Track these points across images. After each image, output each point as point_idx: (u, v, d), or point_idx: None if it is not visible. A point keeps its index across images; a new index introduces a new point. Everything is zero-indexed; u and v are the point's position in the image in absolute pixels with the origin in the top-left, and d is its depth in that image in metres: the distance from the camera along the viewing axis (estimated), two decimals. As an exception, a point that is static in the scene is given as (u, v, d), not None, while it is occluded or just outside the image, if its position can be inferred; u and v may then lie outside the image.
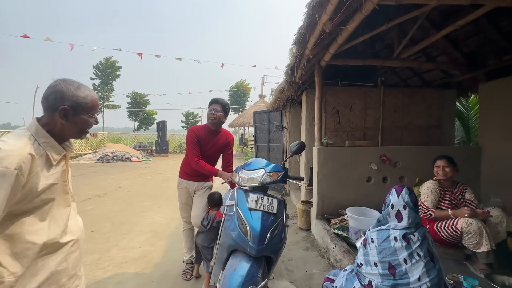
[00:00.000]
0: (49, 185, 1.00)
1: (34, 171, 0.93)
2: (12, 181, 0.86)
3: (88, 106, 1.08)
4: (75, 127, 1.07)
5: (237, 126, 17.73)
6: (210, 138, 2.45)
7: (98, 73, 22.73)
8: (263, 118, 6.33)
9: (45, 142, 1.00)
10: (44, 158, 0.99)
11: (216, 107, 2.40)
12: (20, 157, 0.88)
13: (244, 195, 1.83)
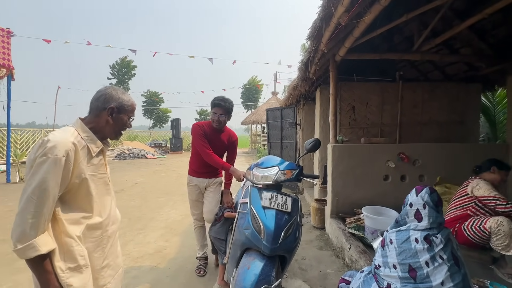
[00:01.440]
0: (91, 174, 1.14)
1: (79, 159, 1.07)
2: (62, 166, 1.00)
3: (129, 109, 1.26)
4: (116, 125, 1.23)
5: (250, 124, 17.73)
6: (215, 135, 2.45)
7: (115, 72, 23.41)
8: (276, 115, 6.27)
9: (87, 136, 1.14)
10: (85, 149, 1.12)
11: (220, 111, 2.35)
12: (66, 146, 1.02)
13: (258, 193, 1.81)
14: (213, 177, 2.56)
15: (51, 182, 0.99)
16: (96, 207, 1.16)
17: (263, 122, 15.79)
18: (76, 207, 1.11)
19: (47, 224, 1.01)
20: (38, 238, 0.96)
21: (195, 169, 2.54)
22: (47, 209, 0.99)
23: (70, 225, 1.08)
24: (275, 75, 17.96)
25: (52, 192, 1.00)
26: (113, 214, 1.30)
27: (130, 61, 23.62)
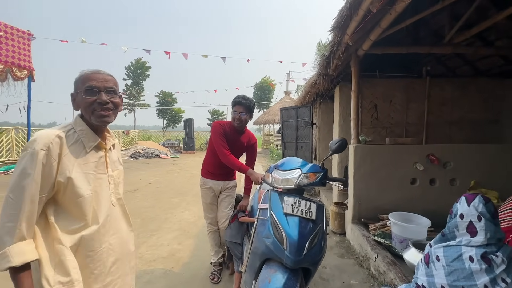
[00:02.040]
0: (84, 173, 0.97)
1: (65, 153, 0.93)
2: (41, 160, 0.87)
3: (78, 83, 1.00)
4: (83, 109, 1.01)
5: (262, 124, 17.58)
6: (235, 136, 2.34)
7: (130, 73, 23.91)
8: (291, 115, 6.09)
9: (81, 129, 1.00)
10: (78, 144, 0.98)
11: (241, 109, 2.24)
12: (47, 139, 0.89)
13: (278, 198, 1.66)
14: (228, 179, 2.46)
15: (28, 179, 0.86)
16: (90, 212, 0.98)
17: (276, 122, 15.60)
18: (67, 212, 0.96)
19: (28, 229, 0.86)
20: (13, 246, 0.82)
21: (210, 170, 2.42)
22: (27, 211, 0.85)
23: (63, 233, 0.93)
24: (287, 74, 17.71)
25: (30, 191, 0.85)
26: (116, 222, 1.09)
27: (145, 62, 24.06)
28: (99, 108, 0.99)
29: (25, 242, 0.85)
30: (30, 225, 0.87)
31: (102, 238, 1.01)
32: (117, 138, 16.86)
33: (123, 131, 18.16)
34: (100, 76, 1.00)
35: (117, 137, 17.00)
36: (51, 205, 0.95)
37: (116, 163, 1.18)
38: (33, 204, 0.87)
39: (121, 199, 1.16)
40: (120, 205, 1.15)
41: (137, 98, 24.04)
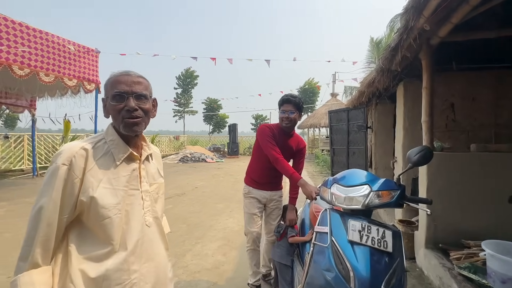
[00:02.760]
0: (114, 190, 0.84)
1: (90, 167, 0.81)
2: (62, 177, 0.77)
3: (107, 87, 0.89)
4: (113, 117, 0.89)
5: (307, 128, 16.97)
6: (283, 139, 2.13)
7: (180, 82, 25.73)
8: (341, 118, 5.58)
9: (112, 140, 0.89)
10: (108, 157, 0.86)
11: (289, 108, 2.05)
12: (70, 152, 0.80)
13: (340, 221, 1.35)
14: (276, 189, 2.25)
15: (45, 198, 0.76)
16: (117, 235, 0.82)
17: (322, 126, 14.89)
18: (92, 236, 0.82)
19: (44, 255, 0.75)
20: (24, 274, 0.72)
21: (256, 179, 2.22)
22: (42, 235, 0.75)
23: (86, 260, 0.79)
24: (334, 75, 16.82)
25: (46, 212, 0.75)
26: (150, 247, 0.92)
27: (193, 71, 25.68)
28: (128, 116, 0.86)
29: (38, 271, 0.74)
30: (46, 251, 0.76)
31: (131, 268, 0.84)
32: (168, 142, 18.13)
33: (174, 136, 19.46)
34: (129, 79, 0.88)
35: (168, 142, 18.40)
36: (75, 228, 0.82)
37: (155, 176, 1.02)
38: (49, 227, 0.76)
39: (158, 219, 0.98)
40: (157, 225, 0.97)
41: (186, 105, 25.68)
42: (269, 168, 2.09)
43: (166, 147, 17.38)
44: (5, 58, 5.39)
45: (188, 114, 26.47)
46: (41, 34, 6.01)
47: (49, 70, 6.21)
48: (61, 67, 6.44)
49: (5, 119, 25.40)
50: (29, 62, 5.80)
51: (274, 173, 2.14)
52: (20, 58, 5.63)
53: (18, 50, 5.52)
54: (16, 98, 8.14)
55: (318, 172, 10.43)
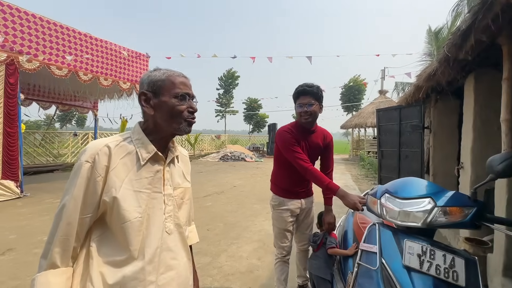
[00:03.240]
0: (135, 192, 0.79)
1: (113, 166, 0.78)
2: (84, 175, 0.75)
3: (166, 84, 0.85)
4: (162, 115, 0.86)
5: (351, 128, 15.96)
6: (306, 137, 1.88)
7: (222, 83, 26.64)
8: (391, 117, 5.02)
9: (138, 139, 0.85)
10: (133, 156, 0.82)
11: (306, 99, 1.77)
12: (94, 149, 0.77)
13: (393, 240, 1.13)
14: (309, 195, 2.03)
15: (67, 196, 0.74)
16: (137, 241, 0.77)
17: (368, 126, 13.83)
18: (113, 239, 0.78)
19: (63, 256, 0.73)
20: (42, 274, 0.71)
21: (286, 188, 1.95)
22: (62, 235, 0.72)
23: (106, 264, 0.75)
24: (383, 71, 15.46)
25: (67, 210, 0.73)
26: (169, 256, 0.84)
27: (234, 72, 26.35)
28: (191, 117, 0.89)
29: (55, 272, 0.72)
30: (64, 251, 0.73)
31: (147, 278, 0.77)
32: (210, 141, 18.86)
33: (215, 135, 20.20)
34: (187, 81, 0.91)
35: (209, 140, 19.18)
36: (98, 229, 0.79)
37: (180, 179, 0.95)
38: (69, 226, 0.73)
39: (180, 226, 0.90)
40: (178, 233, 0.89)
41: (228, 105, 26.48)
42: (299, 173, 1.83)
43: (208, 146, 18.12)
44: (73, 66, 6.13)
45: (229, 114, 27.27)
46: (101, 43, 6.71)
47: (108, 75, 6.90)
48: (117, 72, 7.11)
49: (76, 119, 29.57)
50: (92, 68, 6.52)
51: (305, 178, 1.90)
52: (85, 65, 6.36)
53: (83, 58, 6.24)
54: (82, 101, 9.31)
55: (363, 175, 9.68)
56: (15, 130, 5.45)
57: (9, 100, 5.29)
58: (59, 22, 5.86)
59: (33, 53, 5.45)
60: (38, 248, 3.14)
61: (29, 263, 2.76)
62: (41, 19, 5.58)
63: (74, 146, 10.58)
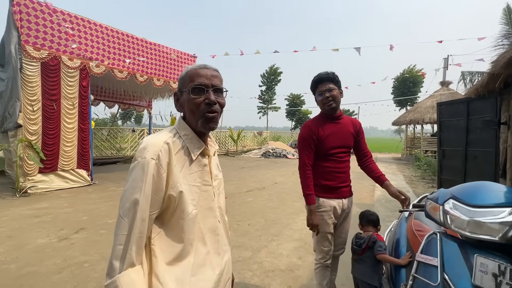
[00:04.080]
0: (189, 186, 0.83)
1: (174, 163, 0.80)
2: (151, 172, 0.75)
3: (185, 80, 0.86)
4: (186, 111, 0.87)
5: (404, 124, 14.49)
6: (332, 126, 1.81)
7: (264, 80, 26.72)
8: (457, 111, 4.37)
9: (185, 134, 0.86)
10: (184, 151, 0.84)
11: (326, 86, 1.73)
12: (157, 147, 0.77)
13: (460, 254, 0.97)
14: (350, 195, 1.90)
15: (138, 194, 0.73)
16: (196, 232, 0.82)
17: (426, 122, 12.38)
18: (171, 234, 0.80)
19: (138, 253, 0.72)
20: (123, 274, 0.69)
21: (326, 183, 1.78)
22: (137, 232, 0.72)
23: (168, 261, 0.77)
24: (445, 59, 13.60)
25: (141, 207, 0.73)
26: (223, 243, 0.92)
27: (277, 68, 26.18)
28: (208, 109, 0.83)
29: (134, 270, 0.71)
30: (139, 248, 0.73)
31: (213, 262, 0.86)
32: (252, 138, 19.15)
33: (257, 132, 20.43)
34: (208, 72, 0.85)
35: (252, 137, 19.48)
36: (156, 226, 0.81)
37: (217, 170, 0.99)
38: (143, 223, 0.73)
39: (223, 215, 0.97)
40: (223, 222, 0.97)
41: (270, 101, 26.50)
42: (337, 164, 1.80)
43: (250, 142, 18.43)
44: (131, 68, 6.81)
45: (271, 110, 27.26)
46: (154, 46, 7.30)
47: (160, 76, 7.49)
48: (168, 72, 7.67)
49: (134, 117, 33.03)
50: (147, 70, 7.15)
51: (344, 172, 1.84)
52: (141, 67, 7.00)
53: (139, 61, 6.88)
54: (139, 100, 10.31)
55: (419, 177, 8.72)
56: (87, 127, 6.30)
57: (82, 101, 6.14)
58: (120, 30, 6.56)
59: (100, 59, 6.21)
60: (104, 229, 3.59)
61: (97, 242, 3.17)
62: (106, 28, 6.31)
63: (132, 141, 11.84)
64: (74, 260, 2.74)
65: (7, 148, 6.15)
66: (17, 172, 5.29)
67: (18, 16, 5.04)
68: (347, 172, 1.84)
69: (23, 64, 5.18)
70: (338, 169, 1.79)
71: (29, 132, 5.37)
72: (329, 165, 1.78)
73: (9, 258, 2.75)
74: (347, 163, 1.84)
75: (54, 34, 5.51)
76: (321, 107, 1.81)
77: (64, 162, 5.92)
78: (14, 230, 3.50)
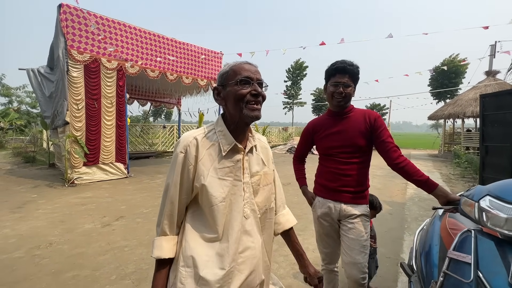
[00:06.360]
0: (220, 179, 0.89)
1: (201, 156, 0.88)
2: (180, 163, 0.88)
3: (229, 74, 0.92)
4: (230, 103, 0.91)
5: (443, 118, 13.45)
6: (335, 126, 1.63)
7: (290, 75, 26.36)
8: (504, 103, 3.98)
9: (220, 130, 0.93)
10: (216, 147, 0.91)
11: (344, 79, 1.53)
12: (186, 141, 0.89)
13: (497, 252, 0.94)
14: (355, 202, 1.59)
15: (169, 180, 0.90)
16: (222, 223, 0.88)
17: (467, 116, 11.39)
18: (204, 218, 0.90)
19: (170, 227, 0.91)
20: (157, 238, 0.91)
21: (325, 183, 1.67)
22: (167, 210, 0.90)
23: (195, 241, 0.88)
24: (492, 46, 12.28)
25: (169, 192, 0.89)
26: (247, 238, 0.91)
27: (303, 63, 25.64)
28: (253, 100, 0.89)
29: (166, 238, 0.90)
30: (171, 223, 0.91)
31: (230, 256, 0.87)
32: (277, 133, 19.09)
33: (283, 127, 20.32)
34: (252, 67, 0.93)
35: (277, 133, 19.43)
36: (193, 207, 0.93)
37: (260, 166, 0.99)
38: (172, 205, 0.90)
39: (255, 211, 0.95)
40: (254, 218, 0.95)
41: (295, 97, 26.13)
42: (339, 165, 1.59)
43: (275, 138, 18.41)
44: (162, 68, 7.16)
45: (297, 106, 26.87)
46: (183, 45, 7.58)
47: (188, 74, 7.77)
48: (196, 70, 7.93)
49: (165, 114, 34.61)
50: (176, 69, 7.47)
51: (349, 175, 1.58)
52: (171, 66, 7.33)
53: (169, 60, 7.20)
54: (169, 98, 10.81)
55: (458, 175, 8.09)
56: (123, 123, 6.79)
57: (119, 99, 6.62)
58: (151, 31, 6.92)
59: (134, 60, 6.63)
60: (140, 218, 3.89)
61: (134, 229, 3.46)
62: (140, 30, 6.70)
63: (163, 137, 12.49)
64: (116, 244, 3.03)
65: (57, 143, 6.87)
66: (66, 164, 5.89)
67: (64, 23, 5.56)
68: (353, 176, 1.57)
69: (69, 66, 5.72)
70: (340, 171, 1.60)
71: (75, 128, 5.94)
72: (329, 165, 1.66)
73: (63, 240, 3.12)
74: (354, 166, 1.57)
75: (94, 38, 5.99)
76: (328, 98, 1.63)
77: (105, 156, 6.46)
78: (65, 216, 3.94)
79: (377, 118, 1.57)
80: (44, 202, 4.65)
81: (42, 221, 3.71)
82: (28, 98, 21.32)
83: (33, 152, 9.74)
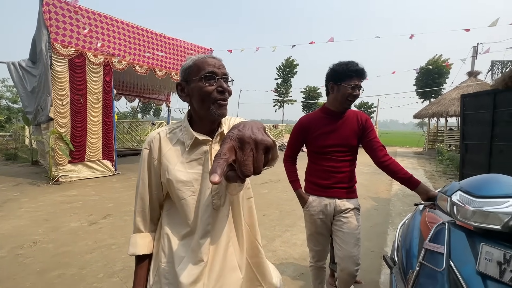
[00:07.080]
0: (188, 173, 0.85)
1: (165, 151, 0.89)
2: (145, 159, 0.90)
3: (193, 69, 0.85)
4: (196, 100, 0.85)
5: (427, 117, 13.89)
6: (329, 125, 1.65)
7: (280, 73, 26.46)
8: (483, 103, 4.17)
9: (183, 126, 0.91)
10: (180, 142, 0.90)
11: (361, 82, 1.57)
12: (150, 138, 0.91)
13: (467, 243, 1.01)
14: (348, 196, 1.67)
15: (138, 178, 0.92)
16: (193, 217, 0.86)
17: (450, 115, 11.82)
18: (177, 214, 0.90)
19: (143, 223, 0.93)
20: (133, 236, 0.93)
21: (320, 182, 1.68)
22: (138, 207, 0.92)
23: (171, 236, 0.88)
24: (474, 48, 12.75)
25: (139, 189, 0.91)
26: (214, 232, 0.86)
27: (293, 60, 25.79)
28: (220, 97, 0.83)
29: (140, 235, 0.92)
30: (144, 219, 0.92)
31: (201, 251, 0.84)
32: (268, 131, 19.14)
33: (273, 125, 20.42)
34: (216, 61, 0.86)
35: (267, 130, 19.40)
36: (167, 204, 0.94)
37: None
38: (142, 201, 0.91)
39: (224, 200, 0.89)
40: (225, 209, 0.90)
41: (286, 94, 26.27)
42: (334, 163, 1.63)
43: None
44: (151, 63, 7.04)
45: (287, 103, 27.04)
46: (172, 41, 7.47)
47: (178, 70, 7.67)
48: (185, 67, 7.85)
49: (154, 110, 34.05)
50: (165, 65, 7.35)
51: (343, 172, 1.64)
52: (160, 62, 7.21)
53: (159, 56, 7.08)
54: (158, 94, 10.64)
55: (441, 172, 8.41)
56: (110, 120, 6.65)
57: (106, 95, 6.47)
58: (140, 26, 6.77)
59: (122, 55, 6.48)
60: (128, 216, 3.85)
61: (122, 227, 3.42)
62: (127, 24, 6.54)
63: (152, 133, 12.32)
64: (103, 242, 2.99)
65: (40, 139, 6.65)
66: (50, 162, 5.73)
67: (47, 16, 5.36)
68: (346, 173, 1.65)
69: (52, 61, 5.53)
70: (334, 169, 1.64)
71: (60, 124, 5.77)
72: (323, 163, 1.67)
73: (47, 239, 3.05)
74: (346, 163, 1.65)
75: (80, 31, 5.81)
76: (340, 98, 1.58)
77: (91, 153, 6.32)
78: (49, 214, 3.85)
79: (368, 119, 1.69)
80: (27, 200, 4.51)
81: (25, 220, 3.61)
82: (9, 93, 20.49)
83: (14, 149, 9.39)
